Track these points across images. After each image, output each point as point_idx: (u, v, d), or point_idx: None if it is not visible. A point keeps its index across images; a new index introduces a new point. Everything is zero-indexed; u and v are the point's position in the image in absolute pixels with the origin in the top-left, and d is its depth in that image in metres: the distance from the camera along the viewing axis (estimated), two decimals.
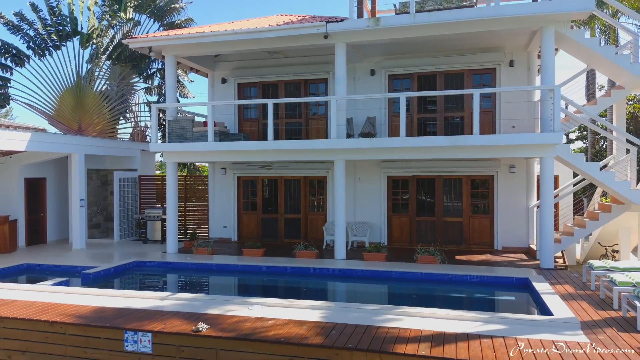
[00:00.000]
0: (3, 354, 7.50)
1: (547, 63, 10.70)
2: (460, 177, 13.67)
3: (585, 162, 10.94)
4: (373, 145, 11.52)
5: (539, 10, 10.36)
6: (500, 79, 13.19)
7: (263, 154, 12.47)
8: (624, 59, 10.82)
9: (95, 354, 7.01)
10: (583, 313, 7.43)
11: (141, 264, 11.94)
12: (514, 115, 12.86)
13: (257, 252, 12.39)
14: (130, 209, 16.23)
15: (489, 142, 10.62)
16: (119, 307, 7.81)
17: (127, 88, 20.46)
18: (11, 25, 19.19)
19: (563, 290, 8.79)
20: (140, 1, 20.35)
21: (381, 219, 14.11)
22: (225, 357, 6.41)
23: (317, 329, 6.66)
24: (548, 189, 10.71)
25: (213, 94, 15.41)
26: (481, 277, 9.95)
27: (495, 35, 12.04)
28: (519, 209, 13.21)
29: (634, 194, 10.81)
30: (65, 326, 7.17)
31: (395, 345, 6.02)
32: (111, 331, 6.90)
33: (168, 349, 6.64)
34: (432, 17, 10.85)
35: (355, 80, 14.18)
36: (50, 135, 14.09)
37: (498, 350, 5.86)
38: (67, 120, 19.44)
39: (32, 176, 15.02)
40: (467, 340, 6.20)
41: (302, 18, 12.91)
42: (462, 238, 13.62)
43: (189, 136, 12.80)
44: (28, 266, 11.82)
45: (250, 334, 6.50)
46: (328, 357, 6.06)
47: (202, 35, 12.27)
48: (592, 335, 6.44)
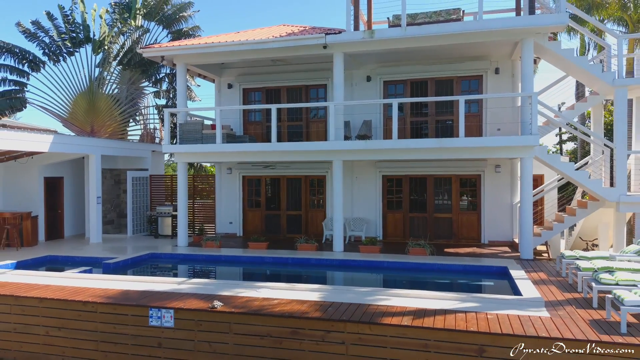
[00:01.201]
0: (42, 330, 8.56)
1: (526, 72, 11.74)
2: (450, 176, 14.71)
3: (561, 162, 11.98)
4: (368, 146, 12.57)
5: (518, 24, 11.40)
6: (487, 85, 14.22)
7: (267, 154, 13.51)
8: (596, 68, 11.86)
9: (123, 329, 8.07)
10: (550, 295, 8.48)
11: (156, 255, 13.02)
12: (500, 119, 13.88)
13: (261, 245, 13.43)
14: (141, 206, 17.29)
15: (472, 144, 11.66)
16: (142, 290, 8.86)
17: (136, 92, 21.52)
18: (28, 33, 20.28)
19: (537, 277, 9.83)
20: (149, 9, 21.41)
21: (377, 215, 15.14)
22: (238, 329, 7.46)
23: (316, 306, 7.71)
24: (527, 187, 11.73)
25: (220, 99, 16.46)
26: (465, 266, 11.00)
27: (481, 45, 13.04)
28: (504, 206, 14.24)
29: (605, 191, 11.85)
30: (96, 305, 8.23)
31: (383, 318, 7.07)
32: (137, 309, 7.96)
33: (188, 323, 7.70)
34: (422, 30, 11.89)
35: (353, 85, 15.21)
36: (70, 137, 15.16)
37: (469, 322, 6.90)
38: (80, 123, 20.51)
39: (51, 175, 16.09)
40: (444, 314, 7.25)
41: (303, 29, 13.96)
42: (451, 233, 14.65)
43: (199, 138, 13.84)
44: (51, 257, 12.88)
45: (258, 310, 7.56)
46: (325, 328, 7.11)
47: (211, 45, 13.32)
48: (554, 311, 7.49)
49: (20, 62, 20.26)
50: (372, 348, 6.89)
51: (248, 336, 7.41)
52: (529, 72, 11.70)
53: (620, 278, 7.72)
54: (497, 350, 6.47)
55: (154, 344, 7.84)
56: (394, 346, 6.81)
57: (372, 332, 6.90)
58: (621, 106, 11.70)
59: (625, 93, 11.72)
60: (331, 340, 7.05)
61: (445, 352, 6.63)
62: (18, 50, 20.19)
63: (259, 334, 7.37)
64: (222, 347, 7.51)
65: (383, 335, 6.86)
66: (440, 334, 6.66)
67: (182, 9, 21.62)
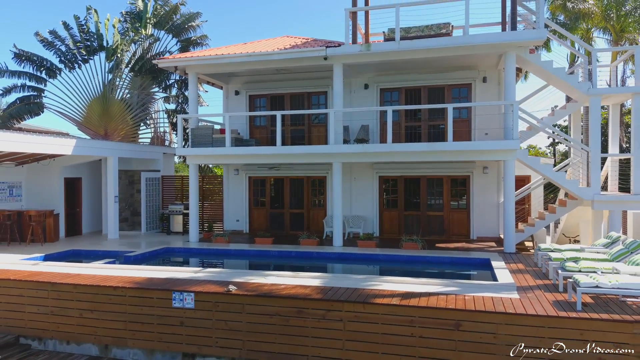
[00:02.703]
0: (76, 312, 9.72)
1: (509, 82, 12.89)
2: (442, 177, 15.86)
3: (540, 164, 13.13)
4: (366, 149, 13.72)
5: (501, 39, 12.56)
6: (476, 93, 15.38)
7: (272, 157, 14.68)
8: (572, 78, 13.02)
9: (149, 310, 9.22)
10: (523, 281, 9.62)
11: (170, 249, 14.19)
12: (488, 124, 15.03)
13: (267, 240, 14.59)
14: (154, 205, 18.47)
15: (460, 148, 12.81)
16: (165, 277, 10.03)
17: (147, 97, 22.71)
18: (46, 42, 21.47)
19: (515, 267, 10.98)
20: (159, 19, 22.60)
21: (374, 213, 16.30)
22: (250, 309, 8.62)
23: (317, 290, 8.86)
24: (510, 187, 12.88)
25: (227, 104, 17.63)
26: (452, 259, 12.16)
27: (470, 57, 14.17)
28: (491, 204, 15.38)
29: (581, 191, 12.99)
30: (125, 290, 9.40)
31: (375, 299, 8.23)
32: (162, 292, 9.12)
33: (206, 304, 8.85)
34: (414, 44, 13.05)
35: (351, 93, 16.37)
36: (90, 141, 16.36)
37: (449, 301, 8.06)
38: (94, 127, 21.70)
39: (70, 176, 17.28)
40: (428, 296, 8.40)
41: (305, 41, 15.13)
42: (443, 229, 15.80)
43: (209, 142, 15.00)
44: (75, 251, 14.04)
45: (268, 292, 8.72)
46: (326, 308, 8.26)
47: (221, 57, 14.49)
48: (524, 294, 8.63)
49: (39, 69, 21.45)
50: (365, 324, 8.05)
51: (259, 315, 8.57)
52: (511, 82, 12.85)
53: (583, 265, 8.87)
54: (471, 325, 7.62)
55: (177, 323, 8.99)
56: (385, 322, 7.96)
57: (366, 310, 8.06)
58: (595, 113, 12.84)
59: (598, 101, 12.86)
60: (331, 318, 8.20)
61: (428, 327, 7.78)
62: (36, 58, 21.39)
63: (268, 313, 8.53)
64: (237, 325, 8.66)
65: (375, 313, 8.01)
66: (424, 311, 7.81)
67: (190, 18, 22.80)
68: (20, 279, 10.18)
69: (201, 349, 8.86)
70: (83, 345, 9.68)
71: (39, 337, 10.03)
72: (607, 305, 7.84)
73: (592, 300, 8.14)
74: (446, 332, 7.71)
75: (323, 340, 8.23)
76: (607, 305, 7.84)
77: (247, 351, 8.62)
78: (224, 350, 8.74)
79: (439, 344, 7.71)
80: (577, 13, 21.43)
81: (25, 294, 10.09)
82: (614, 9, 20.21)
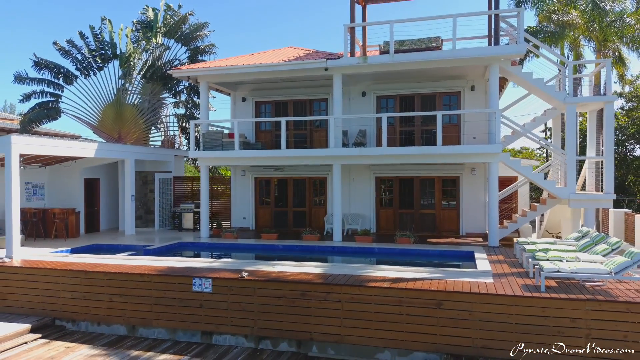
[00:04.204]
0: (106, 297, 11.03)
1: (492, 91, 14.21)
2: (433, 178, 17.17)
3: (521, 165, 14.44)
4: (363, 153, 15.03)
5: (485, 53, 13.87)
6: (464, 100, 16.69)
7: (277, 159, 16.00)
8: (550, 88, 14.34)
9: (171, 294, 10.54)
10: (500, 269, 10.93)
11: (184, 244, 15.53)
12: (476, 129, 16.33)
13: (272, 236, 15.91)
14: (166, 204, 19.80)
15: (447, 151, 14.12)
16: (184, 266, 11.36)
17: (158, 102, 24.05)
18: (63, 51, 22.84)
19: (495, 259, 12.28)
20: (169, 28, 23.95)
21: (371, 211, 17.61)
22: (261, 292, 9.94)
23: (319, 276, 10.17)
24: (494, 187, 14.18)
25: (235, 110, 18.95)
26: (441, 251, 13.48)
27: (458, 67, 15.45)
28: (479, 203, 16.69)
29: (558, 190, 14.30)
30: (150, 276, 10.72)
31: (369, 283, 9.54)
32: (183, 278, 10.44)
33: (222, 289, 10.17)
34: (406, 57, 14.37)
35: (350, 100, 17.69)
36: (110, 145, 17.71)
37: (431, 284, 9.37)
38: (109, 130, 23.05)
39: (90, 177, 18.62)
40: (415, 281, 9.71)
41: (307, 53, 16.46)
42: (434, 226, 17.11)
43: (219, 145, 16.32)
44: (97, 245, 15.37)
45: (276, 278, 10.04)
46: (326, 291, 9.58)
47: (231, 67, 15.82)
48: (498, 279, 9.94)
49: (56, 76, 22.81)
50: (360, 304, 9.36)
51: (268, 298, 9.88)
52: (494, 92, 14.17)
53: (550, 255, 10.18)
54: (450, 304, 8.92)
55: (197, 305, 10.31)
56: (377, 302, 9.27)
57: (361, 292, 9.37)
58: (571, 120, 14.16)
59: (574, 109, 14.18)
60: (330, 299, 9.51)
61: (414, 306, 9.09)
62: (54, 65, 22.76)
63: (276, 296, 9.84)
64: (249, 306, 9.98)
65: (369, 295, 9.32)
66: (410, 293, 9.13)
67: (198, 28, 24.14)
68: (56, 268, 11.51)
69: (218, 328, 10.17)
70: (112, 326, 11.00)
71: (72, 319, 11.34)
72: (567, 288, 9.15)
73: (557, 284, 9.44)
74: (429, 310, 9.02)
75: (324, 318, 9.55)
76: (568, 288, 9.15)
77: (258, 329, 9.94)
78: (238, 329, 10.06)
79: (423, 320, 9.03)
80: (562, 24, 22.77)
81: (61, 281, 11.42)
82: (596, 20, 21.51)
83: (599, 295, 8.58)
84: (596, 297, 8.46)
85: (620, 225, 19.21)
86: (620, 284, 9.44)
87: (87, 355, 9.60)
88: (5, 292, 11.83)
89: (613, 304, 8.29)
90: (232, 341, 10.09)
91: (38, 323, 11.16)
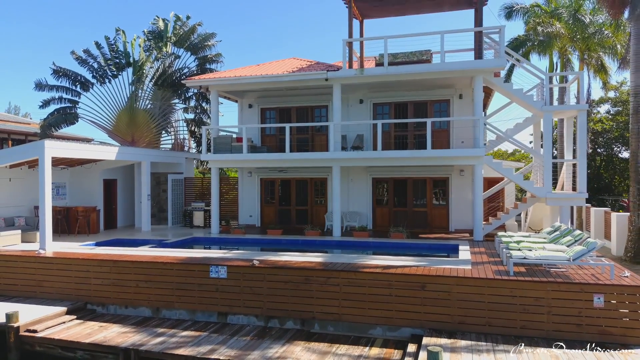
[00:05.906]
0: (133, 283, 12.53)
1: (477, 100, 15.71)
2: (425, 179, 18.67)
3: (503, 167, 15.94)
4: (360, 155, 16.53)
5: (469, 66, 15.37)
6: (453, 108, 18.19)
7: (281, 162, 17.51)
8: (529, 97, 15.85)
9: (191, 280, 12.03)
10: (479, 259, 12.42)
11: (197, 239, 17.04)
12: (464, 134, 17.84)
13: (277, 232, 17.42)
14: (178, 203, 21.32)
15: (437, 154, 15.63)
16: (201, 256, 12.87)
17: (168, 108, 25.60)
18: (80, 60, 24.42)
19: (477, 250, 13.77)
20: (178, 38, 25.50)
21: (368, 209, 19.12)
22: (270, 278, 11.44)
23: (320, 264, 11.68)
24: (479, 187, 15.66)
25: (242, 116, 20.48)
26: (429, 245, 14.99)
27: (447, 78, 16.94)
28: (467, 202, 18.18)
29: (536, 190, 15.80)
30: (172, 265, 12.23)
31: (363, 269, 11.05)
32: (201, 266, 11.95)
33: (236, 275, 11.67)
34: (399, 69, 15.88)
35: (349, 107, 19.20)
36: (129, 148, 19.26)
37: (417, 270, 10.87)
38: (122, 134, 24.59)
39: (108, 177, 20.15)
40: (403, 267, 11.21)
41: (310, 64, 17.98)
42: (426, 223, 18.61)
43: (229, 149, 17.83)
44: (118, 240, 16.88)
45: (283, 265, 11.55)
46: (326, 276, 11.08)
47: (239, 78, 17.34)
48: (475, 267, 11.43)
49: (74, 83, 24.37)
50: (356, 287, 10.85)
51: (276, 282, 11.38)
52: (479, 100, 15.67)
53: (522, 245, 11.69)
54: (433, 286, 10.42)
55: (213, 289, 11.81)
56: (370, 285, 10.76)
57: (356, 277, 10.87)
58: (547, 126, 15.67)
59: (550, 117, 15.69)
60: (330, 283, 11.01)
61: (401, 288, 10.58)
62: (71, 73, 24.33)
63: (283, 281, 11.34)
64: (259, 290, 11.48)
65: (363, 279, 10.82)
66: (399, 277, 10.63)
67: (206, 38, 25.69)
68: (87, 258, 13.03)
69: (232, 309, 11.67)
70: (139, 308, 12.49)
71: (102, 303, 12.83)
72: (534, 273, 10.64)
73: (526, 270, 10.94)
74: (415, 291, 10.52)
75: (324, 300, 11.05)
76: (534, 273, 10.64)
77: (267, 309, 11.44)
78: (250, 309, 11.56)
79: (409, 300, 10.53)
80: (550, 34, 24.28)
81: (92, 269, 12.92)
82: (579, 31, 23.02)
83: (559, 279, 10.08)
84: (556, 280, 9.95)
85: (601, 223, 20.78)
86: (580, 270, 10.92)
87: (120, 332, 11.10)
88: (42, 280, 13.34)
89: (570, 285, 9.78)
90: (244, 320, 11.60)
91: (72, 307, 12.66)
